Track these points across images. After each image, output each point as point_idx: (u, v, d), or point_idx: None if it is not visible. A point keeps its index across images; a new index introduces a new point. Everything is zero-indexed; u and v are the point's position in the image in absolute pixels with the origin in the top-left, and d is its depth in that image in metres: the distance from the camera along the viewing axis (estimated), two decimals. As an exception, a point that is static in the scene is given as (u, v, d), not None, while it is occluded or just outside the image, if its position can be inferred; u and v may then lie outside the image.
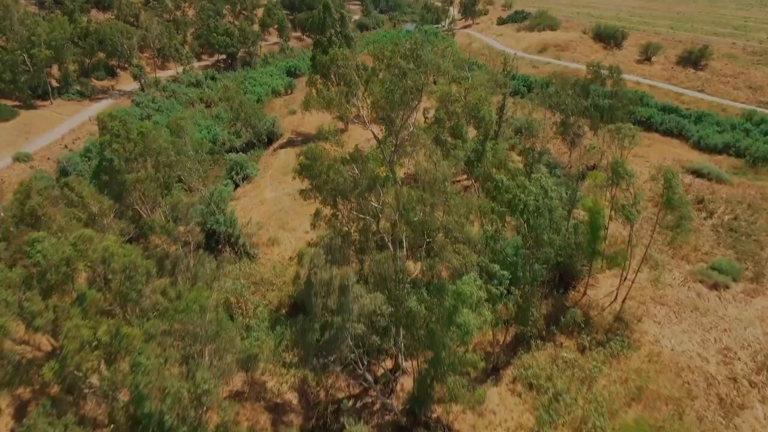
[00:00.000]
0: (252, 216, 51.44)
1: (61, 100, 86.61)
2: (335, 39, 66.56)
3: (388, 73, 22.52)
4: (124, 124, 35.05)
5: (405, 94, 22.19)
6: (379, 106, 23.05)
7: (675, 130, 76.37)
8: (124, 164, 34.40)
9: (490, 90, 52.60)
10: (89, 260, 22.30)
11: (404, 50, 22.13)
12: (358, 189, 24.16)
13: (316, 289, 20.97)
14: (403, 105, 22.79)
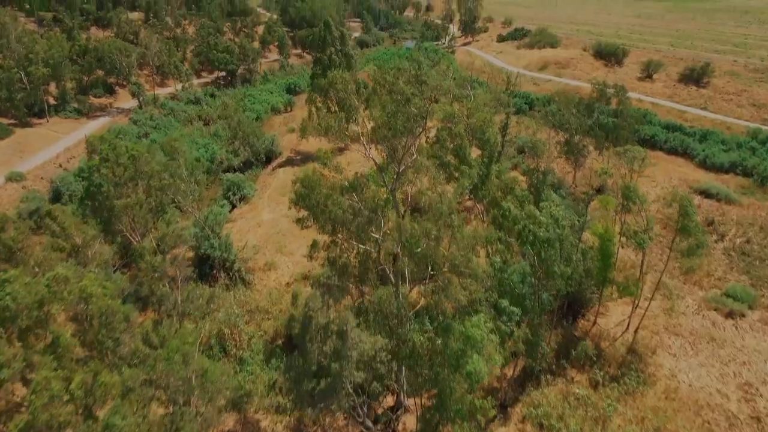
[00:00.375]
0: (248, 239, 49.83)
1: (57, 117, 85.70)
2: (335, 57, 65.72)
3: (390, 99, 21.15)
4: (114, 148, 33.68)
5: (408, 121, 20.86)
6: (380, 135, 21.67)
7: (680, 148, 75.17)
8: (113, 189, 32.92)
9: (493, 110, 51.43)
10: (65, 302, 20.69)
11: (408, 75, 20.81)
12: (358, 221, 22.63)
13: (312, 334, 19.32)
14: (406, 132, 21.42)
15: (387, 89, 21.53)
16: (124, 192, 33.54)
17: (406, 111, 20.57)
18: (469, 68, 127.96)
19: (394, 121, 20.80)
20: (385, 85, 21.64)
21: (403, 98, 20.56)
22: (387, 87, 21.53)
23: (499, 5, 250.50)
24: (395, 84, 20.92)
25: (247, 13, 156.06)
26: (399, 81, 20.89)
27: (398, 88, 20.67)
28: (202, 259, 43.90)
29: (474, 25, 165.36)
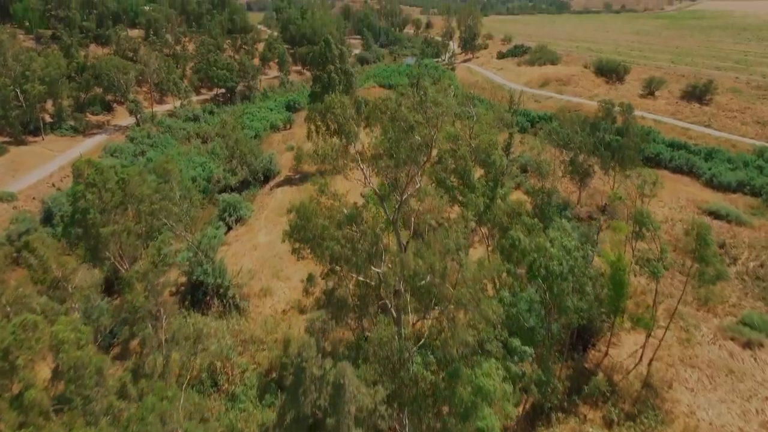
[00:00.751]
0: (244, 263, 48.11)
1: (53, 135, 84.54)
2: (335, 75, 64.78)
3: (391, 126, 19.72)
4: (101, 172, 32.22)
5: (412, 150, 19.41)
6: (381, 165, 20.19)
7: (685, 167, 73.81)
8: (100, 216, 31.35)
9: (497, 130, 50.13)
10: (34, 351, 18.93)
11: (411, 102, 19.40)
12: (357, 258, 21.03)
13: (306, 387, 17.56)
14: (409, 162, 19.95)
15: (389, 116, 20.11)
16: (112, 218, 31.94)
17: (409, 140, 19.14)
18: (470, 85, 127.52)
19: (396, 150, 19.32)
20: (386, 111, 20.21)
21: (407, 126, 19.12)
22: (389, 114, 20.10)
23: (499, 22, 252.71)
24: (398, 111, 19.52)
25: (247, 30, 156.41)
26: (402, 107, 19.48)
27: (401, 115, 19.27)
28: (195, 285, 42.16)
29: (474, 42, 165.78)
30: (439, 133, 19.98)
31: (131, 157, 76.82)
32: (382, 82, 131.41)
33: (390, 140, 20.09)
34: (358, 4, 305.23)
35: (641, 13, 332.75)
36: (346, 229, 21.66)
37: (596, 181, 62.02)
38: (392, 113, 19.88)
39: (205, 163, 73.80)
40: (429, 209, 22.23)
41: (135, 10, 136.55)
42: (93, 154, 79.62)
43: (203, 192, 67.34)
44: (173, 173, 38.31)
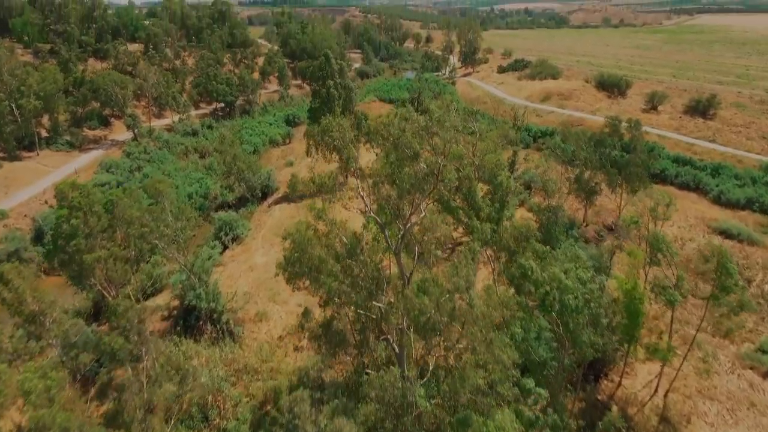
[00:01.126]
0: (239, 285, 46.30)
1: (49, 150, 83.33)
2: (334, 90, 63.64)
3: (394, 151, 18.22)
4: (87, 196, 30.67)
5: (417, 180, 17.88)
6: (383, 195, 18.65)
7: (692, 183, 72.35)
8: (84, 241, 29.72)
9: (501, 146, 48.75)
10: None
11: (417, 127, 17.92)
12: (357, 296, 19.39)
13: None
14: (414, 190, 18.40)
15: (391, 142, 18.61)
16: (98, 243, 30.30)
17: (414, 167, 17.63)
18: (471, 100, 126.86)
19: (400, 178, 17.79)
20: (389, 137, 18.71)
21: (411, 152, 17.62)
22: (391, 140, 18.60)
23: (498, 37, 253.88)
24: (401, 137, 18.02)
25: (247, 44, 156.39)
26: (406, 133, 17.97)
27: (405, 142, 17.77)
28: (187, 309, 40.32)
29: (474, 57, 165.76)
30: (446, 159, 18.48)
31: (127, 173, 75.51)
32: (382, 96, 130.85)
33: (392, 164, 18.58)
34: (358, 19, 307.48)
35: (640, 28, 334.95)
36: (344, 262, 20.02)
37: (602, 198, 60.49)
38: (395, 139, 18.38)
39: (202, 179, 72.41)
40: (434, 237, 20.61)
41: (135, 25, 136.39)
42: (88, 169, 78.40)
43: (199, 209, 65.90)
44: (165, 193, 36.75)
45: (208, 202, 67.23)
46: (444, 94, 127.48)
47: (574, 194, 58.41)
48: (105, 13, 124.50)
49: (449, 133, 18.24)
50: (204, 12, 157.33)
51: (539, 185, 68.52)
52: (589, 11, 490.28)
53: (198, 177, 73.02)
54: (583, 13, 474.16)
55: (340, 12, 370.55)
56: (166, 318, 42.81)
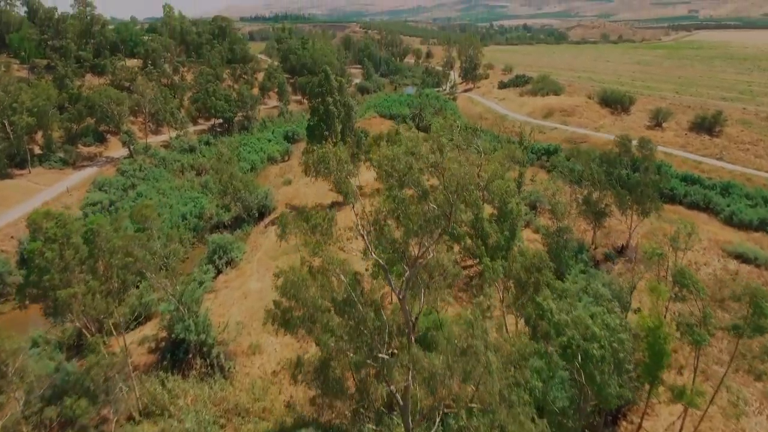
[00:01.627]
0: (232, 314, 43.83)
1: (41, 168, 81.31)
2: (333, 108, 61.87)
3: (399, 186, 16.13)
4: (63, 226, 28.49)
5: (426, 222, 15.75)
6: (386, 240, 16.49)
7: (702, 203, 70.23)
8: (58, 276, 27.43)
9: (508, 168, 46.74)
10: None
11: (425, 162, 15.86)
12: (357, 353, 17.12)
13: None
14: (422, 233, 16.26)
15: (397, 178, 16.52)
16: (75, 277, 28.02)
17: (422, 207, 15.50)
18: (472, 116, 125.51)
19: (406, 218, 15.66)
20: (394, 172, 16.61)
21: (419, 190, 15.53)
22: (397, 176, 16.51)
23: (498, 52, 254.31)
24: (409, 173, 15.92)
25: (247, 60, 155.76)
26: (414, 170, 15.89)
27: (413, 179, 15.69)
28: (175, 342, 37.82)
29: (475, 72, 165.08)
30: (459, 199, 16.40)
31: (120, 192, 73.49)
32: (382, 112, 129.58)
33: (396, 200, 16.45)
34: (358, 34, 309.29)
35: (639, 44, 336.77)
36: (343, 311, 17.73)
37: (612, 219, 58.26)
38: (401, 175, 16.30)
39: (197, 198, 70.34)
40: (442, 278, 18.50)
41: (134, 40, 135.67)
42: (81, 187, 76.35)
43: (194, 230, 63.75)
44: (153, 219, 34.55)
45: (202, 222, 65.03)
46: (445, 110, 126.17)
47: (583, 215, 56.28)
48: (104, 28, 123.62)
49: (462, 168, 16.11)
50: (204, 28, 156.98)
51: (545, 205, 66.59)
52: (587, 27, 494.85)
53: (193, 196, 70.97)
54: (582, 29, 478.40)
55: (340, 28, 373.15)
56: (153, 350, 40.31)
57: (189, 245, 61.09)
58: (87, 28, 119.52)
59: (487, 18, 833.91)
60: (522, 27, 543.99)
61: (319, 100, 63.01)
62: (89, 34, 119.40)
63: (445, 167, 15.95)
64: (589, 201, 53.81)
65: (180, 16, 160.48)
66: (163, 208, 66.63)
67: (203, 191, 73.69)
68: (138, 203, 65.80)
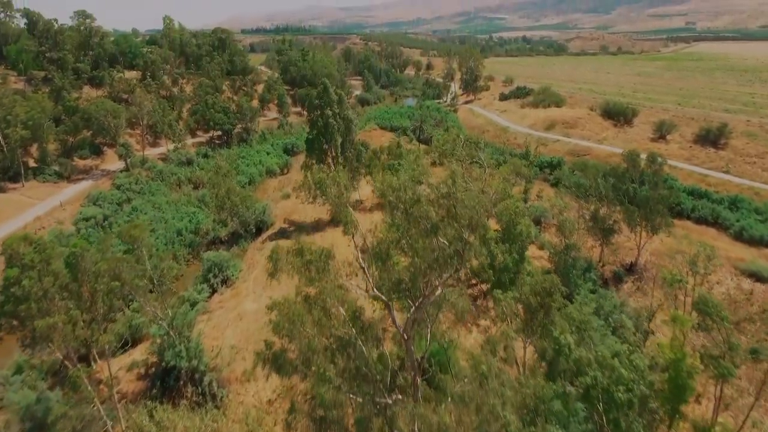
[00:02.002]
0: (226, 337, 41.91)
1: (35, 181, 79.73)
2: (332, 121, 60.50)
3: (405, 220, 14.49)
4: (42, 251, 26.81)
5: (436, 261, 14.11)
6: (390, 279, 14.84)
7: (710, 217, 68.53)
8: (36, 305, 25.65)
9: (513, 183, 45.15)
10: None
11: (436, 194, 14.21)
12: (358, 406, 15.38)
13: None
14: (431, 272, 14.60)
15: (402, 209, 14.87)
16: (55, 305, 26.23)
17: (431, 243, 13.85)
18: (473, 128, 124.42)
19: (413, 253, 14.01)
20: (399, 204, 14.96)
21: (428, 224, 13.89)
22: (402, 207, 14.86)
23: (498, 64, 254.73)
24: (417, 205, 14.28)
25: (247, 71, 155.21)
26: (421, 201, 14.25)
27: (421, 212, 14.06)
28: (166, 369, 35.89)
29: (475, 84, 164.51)
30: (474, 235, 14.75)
31: (115, 206, 71.81)
32: (383, 124, 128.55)
33: (401, 230, 14.78)
34: (359, 46, 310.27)
35: (638, 55, 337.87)
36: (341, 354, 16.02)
37: (619, 235, 56.55)
38: (407, 206, 14.60)
39: (193, 213, 68.68)
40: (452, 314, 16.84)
41: (133, 52, 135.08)
42: (75, 201, 74.73)
43: (189, 246, 62.03)
44: (142, 240, 32.85)
45: (199, 238, 63.31)
46: (446, 122, 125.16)
47: (590, 232, 54.61)
48: (102, 40, 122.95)
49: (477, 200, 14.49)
50: (204, 39, 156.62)
51: (550, 220, 64.95)
52: (586, 39, 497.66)
53: (190, 211, 69.33)
54: (581, 41, 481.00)
55: (341, 39, 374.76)
56: (142, 376, 38.34)
57: (184, 262, 59.40)
58: (85, 40, 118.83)
59: (486, 30, 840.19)
60: (521, 39, 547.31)
61: (318, 113, 61.67)
62: (88, 45, 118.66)
63: (458, 198, 14.33)
64: (597, 217, 52.18)
65: (180, 28, 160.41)
66: (159, 223, 64.98)
67: (200, 205, 72.04)
68: (131, 220, 64.25)
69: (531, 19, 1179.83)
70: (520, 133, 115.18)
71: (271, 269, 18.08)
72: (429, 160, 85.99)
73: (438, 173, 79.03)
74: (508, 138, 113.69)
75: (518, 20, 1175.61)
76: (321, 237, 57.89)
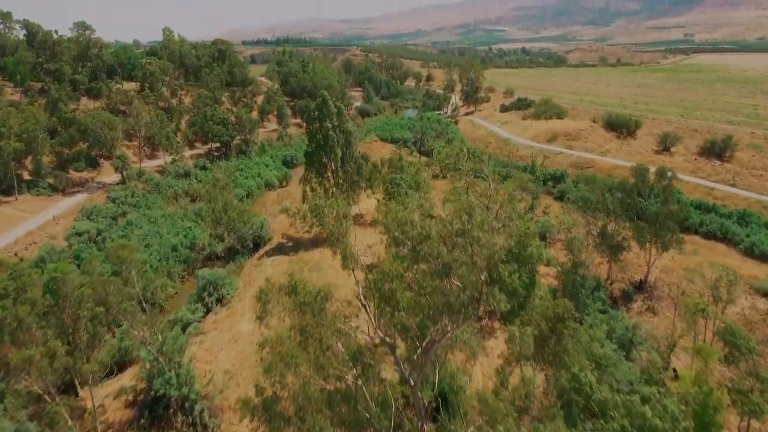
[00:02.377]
0: (219, 360, 39.96)
1: (29, 195, 78.12)
2: (332, 133, 59.07)
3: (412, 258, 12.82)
4: (18, 278, 25.09)
5: (448, 306, 12.41)
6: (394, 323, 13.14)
7: (718, 232, 66.82)
8: (10, 337, 23.88)
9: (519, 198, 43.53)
10: None
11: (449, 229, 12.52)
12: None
13: None
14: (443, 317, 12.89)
15: (411, 246, 13.16)
16: (32, 335, 24.44)
17: (442, 288, 12.16)
18: (475, 139, 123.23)
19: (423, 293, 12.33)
20: (405, 241, 13.25)
21: (442, 267, 12.20)
22: (412, 245, 13.14)
23: (498, 75, 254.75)
24: (427, 242, 12.58)
25: (247, 83, 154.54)
26: (431, 239, 12.57)
27: (431, 250, 12.37)
28: (155, 397, 33.91)
29: (476, 95, 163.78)
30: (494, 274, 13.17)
31: (109, 220, 70.12)
32: (383, 135, 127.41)
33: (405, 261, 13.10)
34: (359, 57, 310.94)
35: (638, 67, 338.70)
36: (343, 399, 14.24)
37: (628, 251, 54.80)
38: (415, 243, 12.88)
39: (189, 228, 66.95)
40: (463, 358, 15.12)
41: (132, 63, 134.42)
42: (68, 215, 73.05)
43: (184, 262, 60.24)
44: (131, 260, 31.13)
45: (194, 253, 61.54)
46: (447, 133, 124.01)
47: (597, 249, 52.87)
48: (101, 51, 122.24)
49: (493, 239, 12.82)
50: (203, 51, 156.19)
51: (555, 235, 63.24)
52: (585, 50, 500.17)
53: (186, 225, 67.58)
54: (580, 53, 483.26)
55: (341, 51, 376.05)
56: (130, 404, 36.30)
57: (179, 279, 57.62)
58: (84, 51, 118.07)
59: (486, 42, 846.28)
60: (520, 50, 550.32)
61: (318, 126, 60.29)
62: (86, 57, 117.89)
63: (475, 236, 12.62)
64: (605, 233, 50.50)
65: (180, 40, 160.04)
66: (153, 238, 63.25)
67: (196, 219, 70.34)
68: (125, 235, 62.50)
69: (530, 31, 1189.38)
70: (522, 145, 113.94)
71: (260, 311, 16.24)
72: (430, 172, 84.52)
73: (440, 186, 77.52)
74: (510, 150, 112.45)
75: (517, 32, 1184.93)
76: (320, 253, 56.16)
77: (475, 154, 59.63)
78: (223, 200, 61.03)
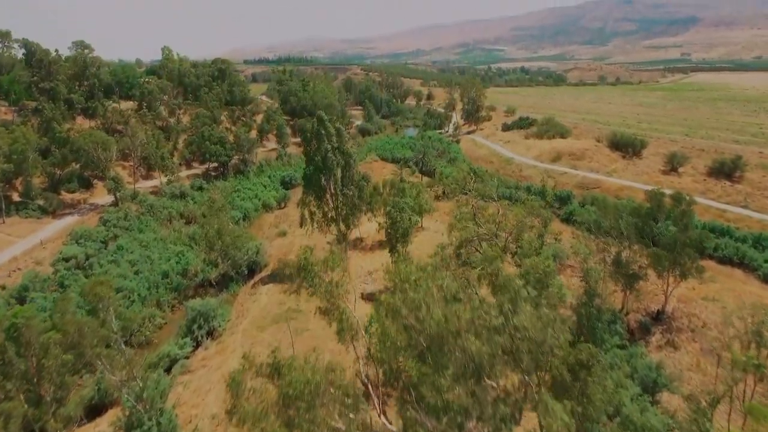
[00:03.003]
0: (207, 403, 36.69)
1: (17, 217, 75.44)
2: (331, 155, 56.69)
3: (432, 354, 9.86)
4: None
5: (482, 415, 9.57)
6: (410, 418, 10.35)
7: (734, 257, 63.93)
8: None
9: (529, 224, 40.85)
10: None
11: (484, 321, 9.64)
12: None
13: None
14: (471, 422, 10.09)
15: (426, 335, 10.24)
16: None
17: (471, 389, 9.34)
18: (477, 159, 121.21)
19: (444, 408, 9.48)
20: (422, 331, 10.31)
21: (467, 360, 9.36)
22: (427, 332, 10.26)
23: (498, 94, 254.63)
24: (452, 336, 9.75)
25: (246, 102, 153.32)
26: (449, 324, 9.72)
27: (456, 344, 9.52)
28: (133, 449, 30.62)
29: (477, 114, 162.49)
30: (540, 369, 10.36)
31: (99, 244, 67.30)
32: (384, 155, 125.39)
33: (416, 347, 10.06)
34: (359, 76, 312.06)
35: (637, 85, 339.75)
36: None
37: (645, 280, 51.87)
38: (432, 332, 9.73)
39: (182, 252, 64.12)
40: None
41: (130, 82, 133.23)
42: (57, 239, 70.23)
43: (175, 289, 57.25)
44: (109, 298, 28.27)
45: (186, 280, 58.58)
46: (449, 153, 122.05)
47: (612, 276, 49.96)
48: (99, 70, 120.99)
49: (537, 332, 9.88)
50: (203, 70, 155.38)
51: (565, 261, 60.36)
52: (584, 69, 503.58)
53: (178, 250, 64.76)
54: (579, 71, 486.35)
55: (342, 70, 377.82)
56: (107, 454, 33.00)
57: (169, 308, 54.57)
58: (81, 70, 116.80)
59: (485, 61, 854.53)
60: (519, 69, 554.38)
61: (315, 147, 57.96)
62: (83, 76, 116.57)
63: (520, 327, 9.95)
64: (620, 261, 47.63)
65: (179, 59, 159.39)
66: (144, 264, 60.40)
67: (190, 243, 67.54)
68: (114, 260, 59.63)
69: (529, 50, 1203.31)
70: (526, 165, 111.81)
71: (231, 404, 13.28)
72: (433, 194, 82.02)
73: (443, 207, 74.91)
74: (513, 170, 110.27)
75: (516, 51, 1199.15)
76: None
77: (482, 176, 57.11)
78: (218, 224, 58.29)
